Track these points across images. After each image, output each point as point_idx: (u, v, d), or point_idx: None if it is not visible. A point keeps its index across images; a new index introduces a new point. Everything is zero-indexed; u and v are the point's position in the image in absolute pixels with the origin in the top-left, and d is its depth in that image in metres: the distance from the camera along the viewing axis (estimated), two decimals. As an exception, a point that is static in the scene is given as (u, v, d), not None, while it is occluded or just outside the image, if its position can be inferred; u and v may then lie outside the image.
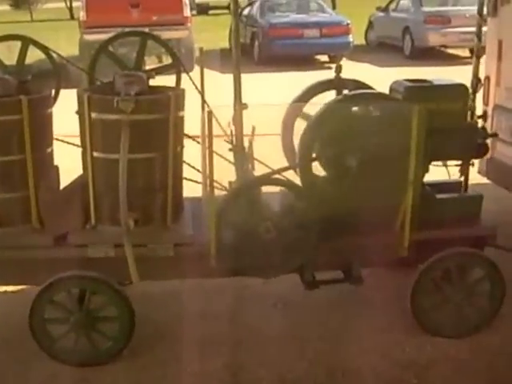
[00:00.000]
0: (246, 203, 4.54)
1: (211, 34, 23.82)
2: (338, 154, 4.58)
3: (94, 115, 4.38)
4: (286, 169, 4.73)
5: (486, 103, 6.74)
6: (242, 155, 4.64)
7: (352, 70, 5.02)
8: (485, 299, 4.93)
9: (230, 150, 4.66)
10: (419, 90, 4.85)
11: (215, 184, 4.75)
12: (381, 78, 5.23)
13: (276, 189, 4.71)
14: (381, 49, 21.32)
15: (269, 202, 4.66)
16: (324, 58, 19.43)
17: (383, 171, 4.55)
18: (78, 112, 4.49)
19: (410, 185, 4.52)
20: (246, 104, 4.58)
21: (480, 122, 5.44)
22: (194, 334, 4.87)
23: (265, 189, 4.68)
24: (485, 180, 6.59)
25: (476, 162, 5.35)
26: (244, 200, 4.54)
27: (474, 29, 5.70)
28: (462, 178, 5.26)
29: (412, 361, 4.63)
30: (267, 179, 4.64)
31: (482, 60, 5.91)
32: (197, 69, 5.50)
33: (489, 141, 5.18)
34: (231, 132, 4.60)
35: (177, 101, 4.51)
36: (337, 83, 5.02)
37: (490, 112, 6.61)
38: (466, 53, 19.36)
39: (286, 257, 4.62)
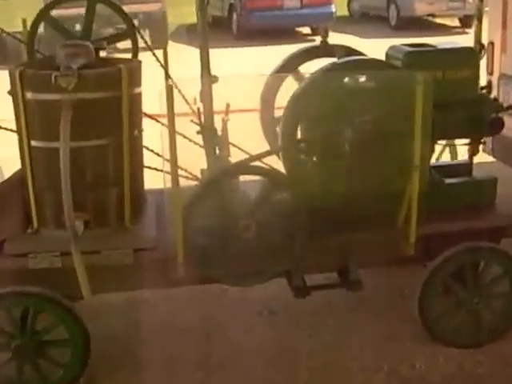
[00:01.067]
0: (219, 196, 3.79)
1: (186, 7, 22.89)
2: (328, 134, 3.84)
3: (28, 95, 3.61)
4: (266, 154, 3.95)
5: (490, 72, 5.98)
6: (213, 138, 3.89)
7: (335, 41, 4.28)
8: (504, 301, 4.23)
9: (199, 132, 3.90)
10: (422, 56, 4.10)
11: (184, 173, 4.04)
12: (366, 49, 4.50)
13: (256, 178, 3.95)
14: (365, 20, 20.53)
15: (248, 194, 3.92)
16: (306, 30, 18.65)
17: (383, 154, 3.82)
18: (10, 92, 3.73)
19: (416, 169, 3.78)
20: (215, 77, 3.83)
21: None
22: (164, 353, 4.14)
23: (243, 178, 3.94)
24: (487, 158, 5.86)
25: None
26: (217, 193, 3.79)
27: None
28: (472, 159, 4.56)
29: (424, 379, 3.92)
30: (244, 167, 3.87)
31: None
32: (171, 44, 4.68)
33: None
34: (198, 110, 3.84)
35: (131, 75, 3.75)
36: (324, 50, 4.26)
37: (494, 82, 5.88)
38: (455, 22, 18.67)
39: (271, 259, 3.88)
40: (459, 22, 18.52)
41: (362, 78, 3.82)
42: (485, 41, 5.65)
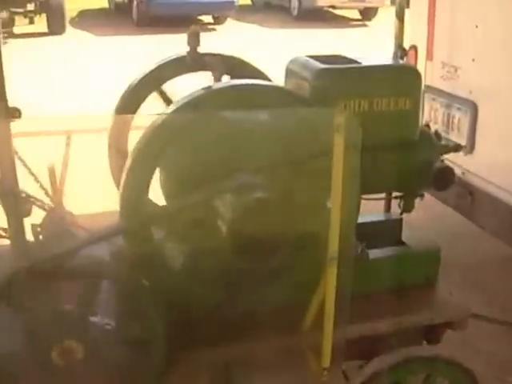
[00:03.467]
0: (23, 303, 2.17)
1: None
2: (196, 200, 2.26)
3: None
4: (105, 235, 2.30)
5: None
6: (17, 204, 2.26)
7: (236, 30, 2.65)
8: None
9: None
10: (340, 76, 2.55)
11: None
12: (267, 39, 2.93)
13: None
14: (267, 9, 18.94)
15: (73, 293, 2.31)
16: (208, 18, 16.93)
17: (281, 228, 2.27)
18: None
19: (332, 263, 2.23)
20: (18, 111, 2.19)
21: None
22: None
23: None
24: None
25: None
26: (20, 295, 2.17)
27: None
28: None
29: None
30: (54, 265, 2.21)
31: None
32: (70, 31, 2.92)
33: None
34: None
35: None
36: (193, 63, 2.65)
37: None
38: (355, 14, 17.31)
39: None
40: (359, 15, 17.17)
41: (250, 116, 2.22)
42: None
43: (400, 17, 4.11)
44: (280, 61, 2.92)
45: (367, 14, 16.83)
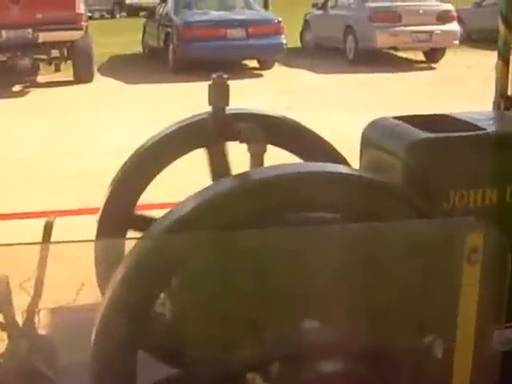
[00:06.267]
0: None
1: (124, 37, 20.77)
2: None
3: None
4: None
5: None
6: None
7: (285, 76, 1.90)
8: None
9: None
10: (454, 151, 1.76)
11: None
12: (320, 86, 2.20)
13: None
14: (319, 52, 18.32)
15: None
16: (253, 63, 16.38)
17: None
18: None
19: None
20: None
21: None
22: None
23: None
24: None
25: None
26: None
27: (429, 27, 2.82)
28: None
29: None
30: None
31: None
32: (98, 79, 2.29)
33: None
34: None
35: None
36: (217, 129, 1.88)
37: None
38: (418, 56, 16.59)
39: None
40: (424, 56, 16.43)
41: (307, 231, 1.44)
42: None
43: (504, 56, 3.37)
44: (337, 117, 2.17)
45: (433, 55, 16.11)
